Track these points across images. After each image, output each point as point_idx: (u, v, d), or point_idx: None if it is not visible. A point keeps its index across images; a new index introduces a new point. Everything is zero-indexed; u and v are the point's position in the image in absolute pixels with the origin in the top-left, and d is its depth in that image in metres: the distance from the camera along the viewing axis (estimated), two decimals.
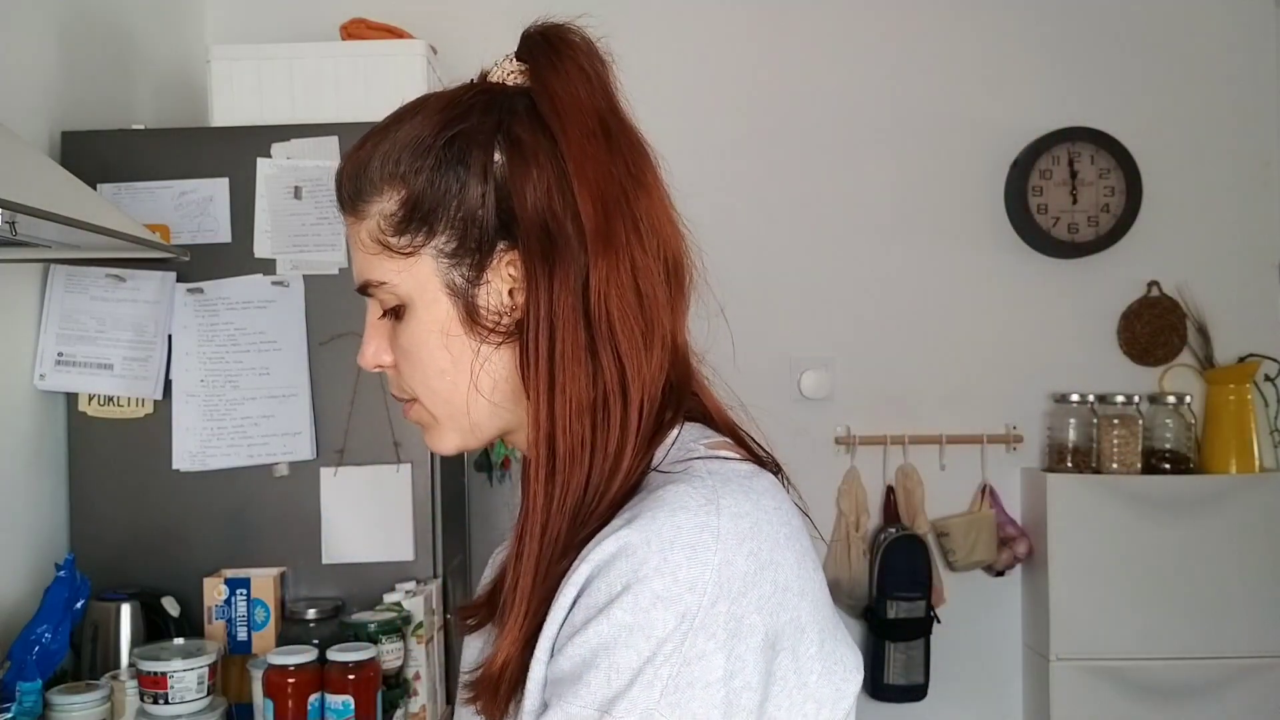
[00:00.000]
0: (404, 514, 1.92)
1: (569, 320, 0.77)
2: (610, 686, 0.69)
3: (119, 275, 1.91)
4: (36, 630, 1.64)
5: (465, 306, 0.80)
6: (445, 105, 0.82)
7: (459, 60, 2.62)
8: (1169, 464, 2.70)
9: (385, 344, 0.85)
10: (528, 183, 0.78)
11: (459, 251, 0.80)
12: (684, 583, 0.70)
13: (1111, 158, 2.80)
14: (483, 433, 0.86)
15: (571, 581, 0.73)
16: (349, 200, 0.84)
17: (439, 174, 0.79)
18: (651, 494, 0.74)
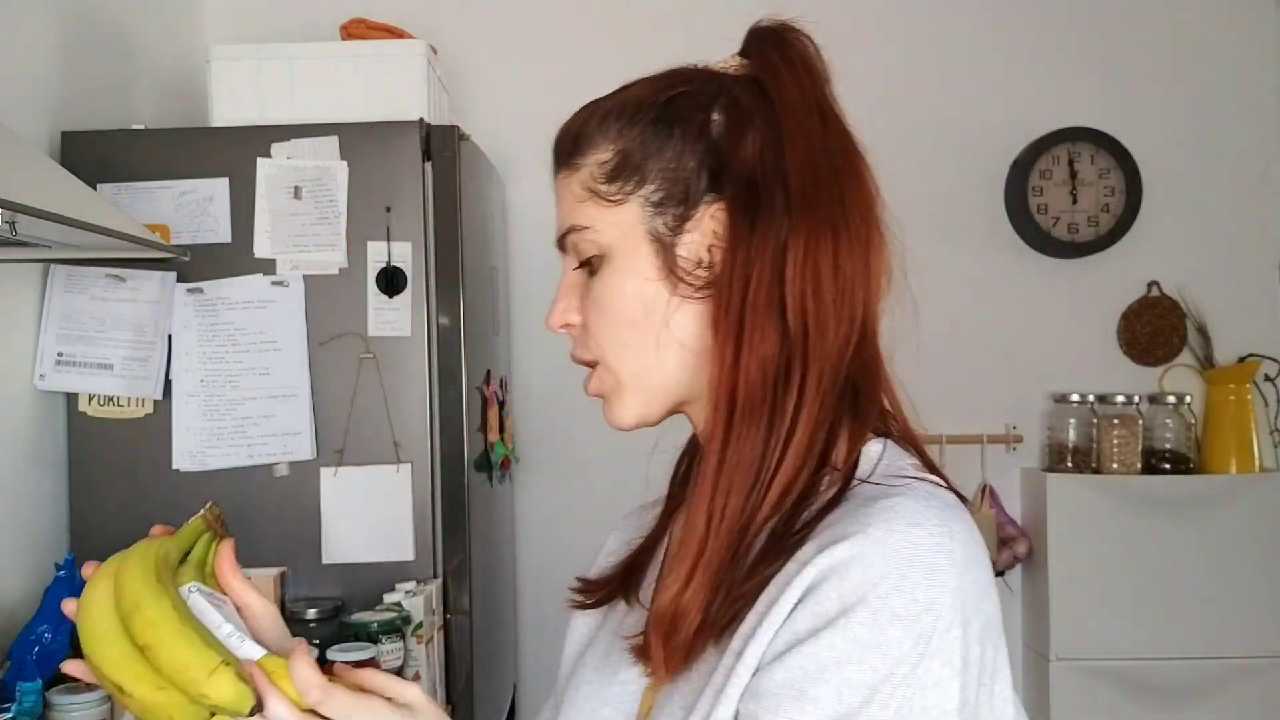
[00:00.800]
0: (404, 514, 1.92)
1: (765, 276, 0.78)
2: (842, 703, 0.67)
3: (119, 275, 1.91)
4: (36, 630, 1.64)
5: (665, 255, 0.81)
6: (668, 73, 0.86)
7: (459, 60, 2.63)
8: (1169, 464, 2.70)
9: (575, 303, 0.86)
10: (743, 140, 0.80)
11: (665, 201, 0.82)
12: (921, 603, 0.68)
13: (1111, 158, 2.80)
14: (664, 398, 0.85)
15: (796, 584, 0.70)
16: (566, 155, 0.86)
17: (655, 128, 0.82)
18: (876, 503, 0.72)
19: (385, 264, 1.92)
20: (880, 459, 0.79)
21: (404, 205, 1.93)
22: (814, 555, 0.71)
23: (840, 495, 0.75)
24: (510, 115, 2.72)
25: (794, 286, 0.77)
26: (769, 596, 0.72)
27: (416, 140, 1.94)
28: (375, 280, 1.92)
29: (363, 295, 1.92)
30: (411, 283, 1.92)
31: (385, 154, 1.93)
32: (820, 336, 0.78)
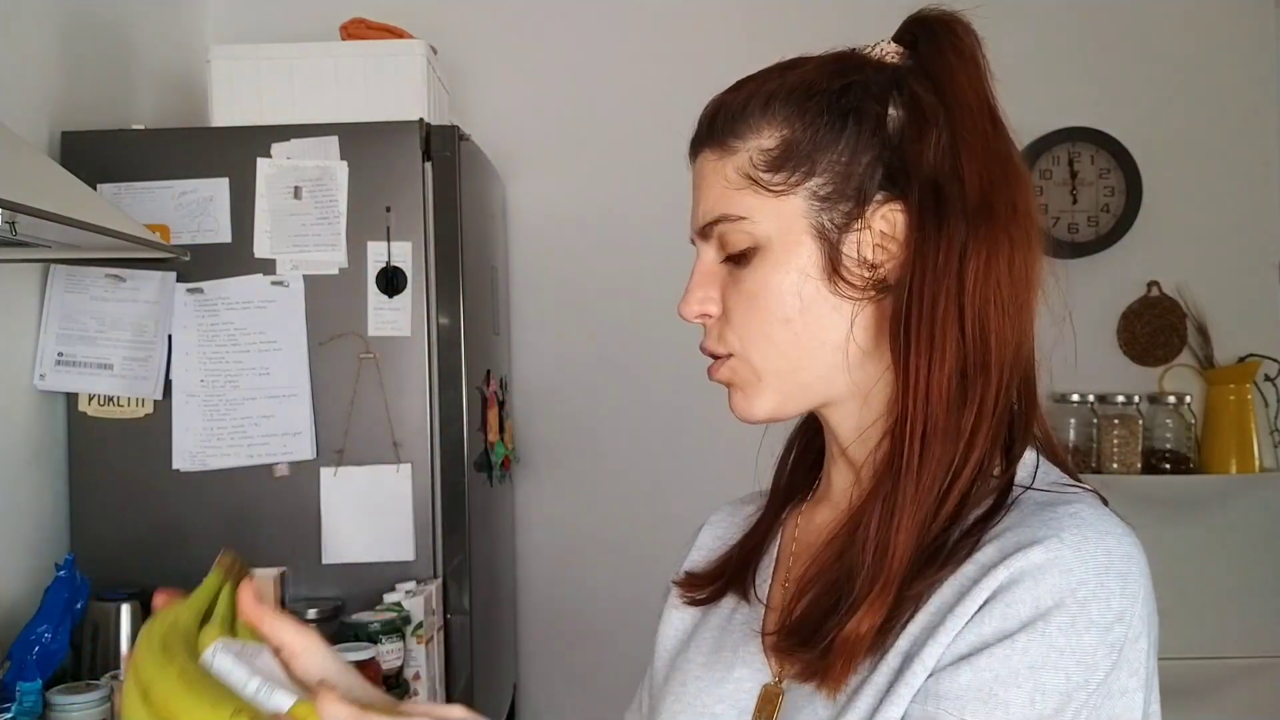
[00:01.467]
0: (404, 514, 1.92)
1: (949, 284, 0.75)
2: (1034, 709, 0.66)
3: (119, 275, 1.91)
4: (36, 630, 1.64)
5: (830, 253, 0.78)
6: (837, 58, 0.82)
7: (459, 60, 2.63)
8: (1169, 464, 2.70)
9: (713, 293, 0.82)
10: (926, 140, 0.77)
11: (834, 196, 0.78)
12: (1115, 611, 0.68)
13: (1111, 158, 2.80)
14: (805, 397, 0.82)
15: (982, 587, 0.69)
16: (719, 134, 0.81)
17: (828, 117, 0.78)
18: (1058, 509, 0.72)
19: (385, 264, 1.92)
20: (1037, 467, 0.78)
21: (404, 205, 1.93)
22: (999, 559, 0.70)
23: (1003, 501, 0.75)
24: (510, 115, 2.72)
25: (973, 296, 0.75)
26: (943, 599, 0.71)
27: (416, 140, 1.94)
28: (375, 280, 1.92)
29: (363, 295, 1.92)
30: (411, 283, 1.92)
31: (385, 154, 1.93)
32: (999, 348, 0.76)
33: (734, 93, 0.82)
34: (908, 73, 0.81)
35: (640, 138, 2.73)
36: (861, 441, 0.82)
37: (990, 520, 0.73)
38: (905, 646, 0.72)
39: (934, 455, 0.74)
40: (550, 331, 2.77)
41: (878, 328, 0.79)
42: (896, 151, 0.78)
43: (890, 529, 0.73)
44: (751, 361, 0.81)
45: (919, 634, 0.72)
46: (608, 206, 2.76)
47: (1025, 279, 0.80)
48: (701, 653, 0.88)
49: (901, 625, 0.72)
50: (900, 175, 0.78)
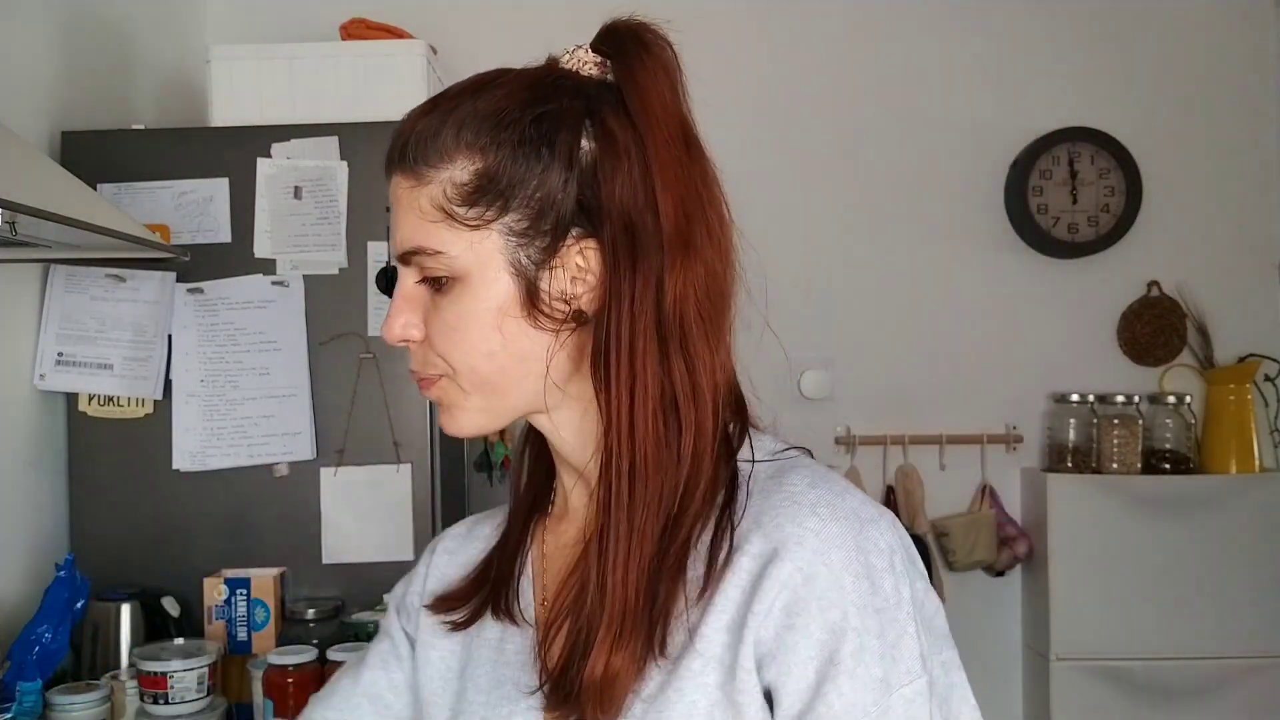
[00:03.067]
0: (404, 514, 1.92)
1: (648, 316, 0.77)
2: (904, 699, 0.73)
3: (119, 275, 1.91)
4: (36, 630, 1.64)
5: (527, 288, 0.78)
6: (531, 82, 0.80)
7: (459, 60, 2.62)
8: (1169, 464, 2.70)
9: (417, 317, 0.82)
10: (618, 175, 0.77)
11: (529, 232, 0.78)
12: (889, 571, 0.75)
13: (1111, 158, 2.80)
14: (509, 414, 0.84)
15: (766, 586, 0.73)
16: (411, 161, 0.80)
17: (522, 150, 0.77)
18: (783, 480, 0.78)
19: (385, 264, 1.92)
20: (751, 441, 0.82)
21: None
22: (769, 548, 0.74)
23: (735, 484, 0.78)
24: None
25: (673, 327, 0.77)
26: (730, 598, 0.74)
27: None
28: (375, 280, 1.92)
29: (363, 295, 1.92)
30: None
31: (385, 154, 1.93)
32: (706, 370, 0.78)
33: (426, 116, 0.80)
34: (600, 96, 0.79)
35: None
36: (589, 459, 0.83)
37: (732, 507, 0.77)
38: (712, 650, 0.74)
39: (648, 489, 0.76)
40: None
41: (580, 355, 0.81)
42: (590, 186, 0.78)
43: (607, 568, 0.75)
44: (459, 384, 0.81)
45: (725, 637, 0.74)
46: None
47: (722, 295, 0.81)
48: (481, 691, 0.86)
49: (687, 632, 0.75)
50: (594, 210, 0.78)
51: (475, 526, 0.98)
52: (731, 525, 0.76)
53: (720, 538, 0.76)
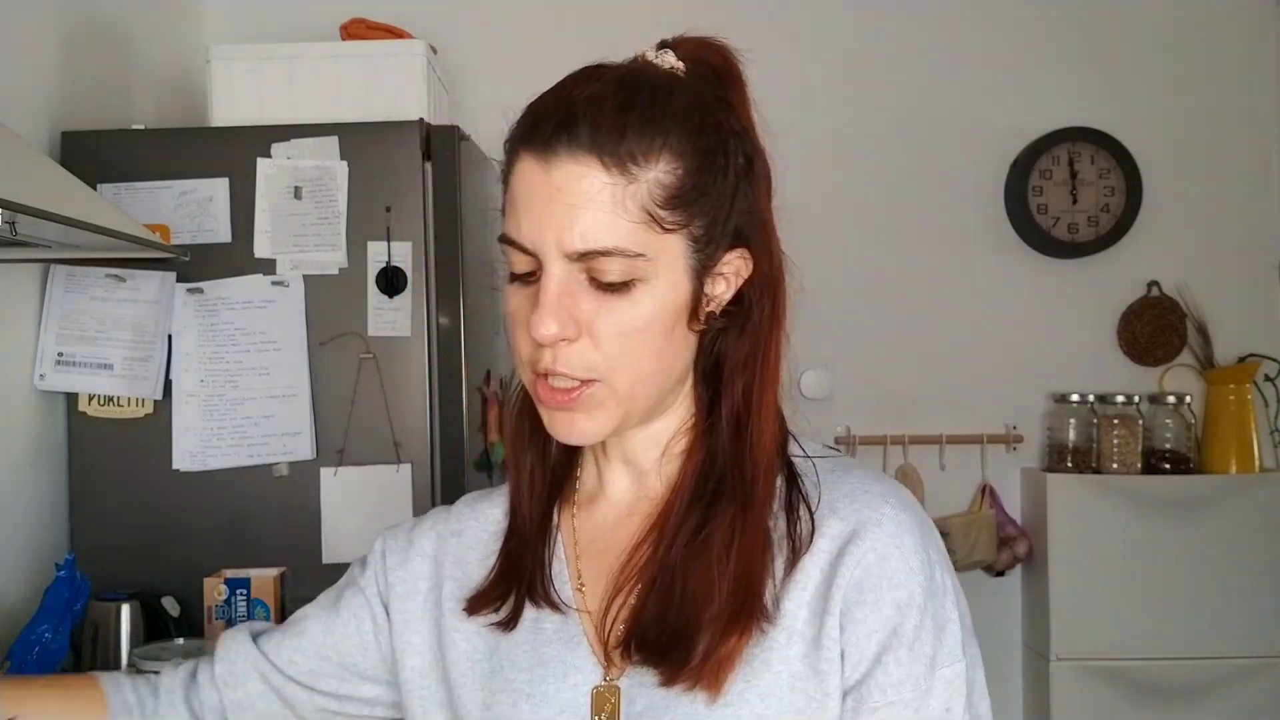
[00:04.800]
0: (404, 514, 1.92)
1: (771, 319, 0.85)
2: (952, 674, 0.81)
3: (119, 275, 1.91)
4: (37, 630, 1.64)
5: (696, 293, 0.82)
6: (696, 92, 0.83)
7: (459, 60, 2.63)
8: (1169, 464, 2.70)
9: (573, 315, 0.78)
10: (760, 187, 0.84)
11: (704, 238, 0.81)
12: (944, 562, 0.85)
13: (1111, 158, 2.80)
14: (637, 420, 0.86)
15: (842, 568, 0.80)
16: (615, 151, 0.77)
17: (711, 157, 0.80)
18: (848, 475, 0.85)
19: (385, 264, 1.92)
20: (796, 439, 0.89)
21: (404, 205, 1.93)
22: (847, 530, 0.81)
23: (794, 472, 0.85)
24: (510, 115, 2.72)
25: (782, 326, 0.86)
26: (810, 576, 0.81)
27: (416, 140, 1.94)
28: (375, 280, 1.92)
29: (363, 295, 1.92)
30: (411, 283, 1.92)
31: (385, 154, 1.93)
32: (780, 367, 0.86)
33: (622, 104, 0.78)
34: (735, 114, 0.85)
35: None
36: (651, 449, 0.88)
37: (800, 492, 0.83)
38: (796, 625, 0.80)
39: (772, 472, 0.84)
40: None
41: (694, 354, 0.86)
42: (745, 196, 0.83)
43: (751, 545, 0.81)
44: (618, 389, 0.81)
45: (807, 612, 0.81)
46: None
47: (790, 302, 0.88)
48: (521, 670, 0.87)
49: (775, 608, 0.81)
50: (746, 222, 0.83)
51: (477, 509, 0.98)
52: (810, 510, 0.82)
53: (796, 521, 0.82)
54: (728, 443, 0.84)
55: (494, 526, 0.94)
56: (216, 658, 1.01)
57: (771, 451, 0.84)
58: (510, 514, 0.93)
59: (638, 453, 0.89)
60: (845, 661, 0.80)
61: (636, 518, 0.87)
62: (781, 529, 0.82)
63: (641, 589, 0.83)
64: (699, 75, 0.85)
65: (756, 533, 0.81)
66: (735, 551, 0.80)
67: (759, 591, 0.80)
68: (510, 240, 0.81)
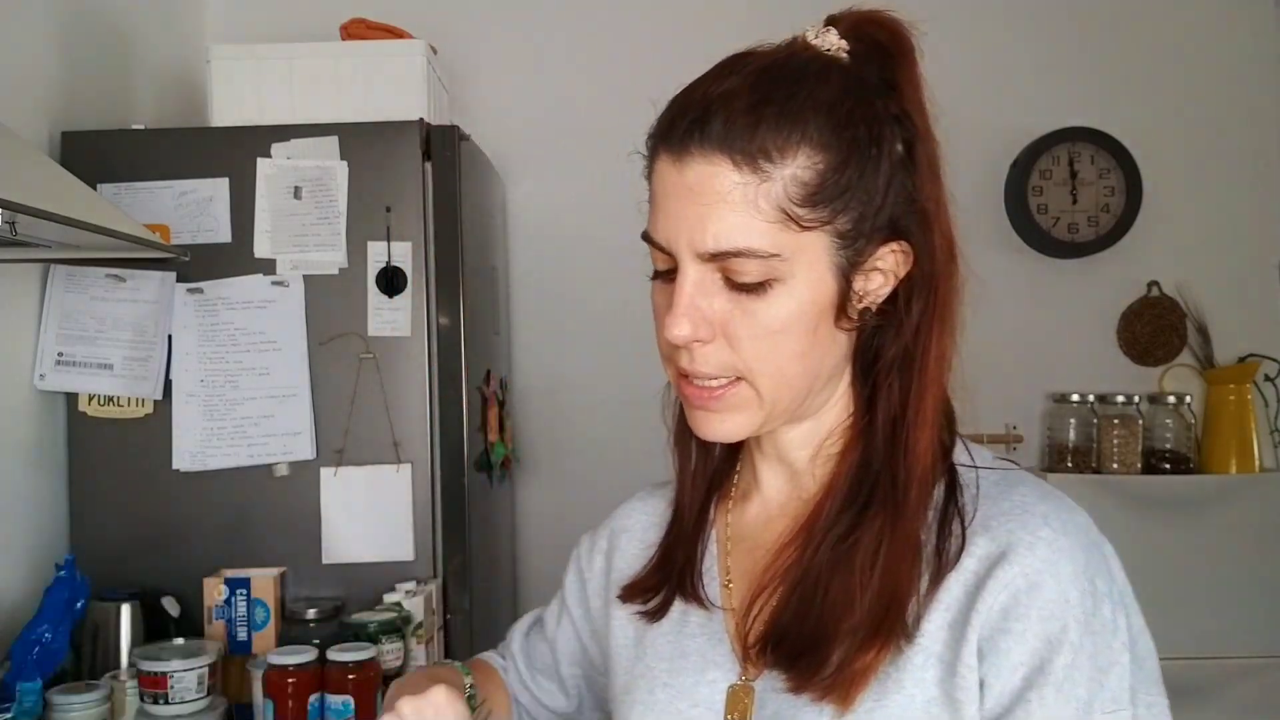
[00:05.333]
0: (404, 514, 1.92)
1: (933, 317, 0.80)
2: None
3: (119, 275, 1.91)
4: (37, 630, 1.64)
5: (842, 290, 0.77)
6: (847, 75, 0.78)
7: (459, 60, 2.63)
8: (1169, 464, 2.70)
9: (708, 316, 0.77)
10: (928, 181, 0.79)
11: (852, 234, 0.76)
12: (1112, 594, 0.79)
13: (1111, 158, 2.80)
14: (784, 419, 0.83)
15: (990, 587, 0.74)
16: (746, 148, 0.74)
17: (858, 150, 0.76)
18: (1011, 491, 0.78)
19: (385, 264, 1.92)
20: (966, 447, 0.83)
21: (404, 205, 1.93)
22: (995, 551, 0.75)
23: (955, 482, 0.79)
24: (510, 115, 2.72)
25: (948, 324, 0.80)
26: (954, 596, 0.76)
27: (416, 140, 1.94)
28: (375, 280, 1.92)
29: (363, 295, 1.92)
30: (411, 283, 1.92)
31: (385, 154, 1.93)
32: (949, 366, 0.81)
33: (756, 99, 0.75)
34: (900, 99, 0.80)
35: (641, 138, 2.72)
36: (804, 448, 0.86)
37: (956, 506, 0.78)
38: (934, 647, 0.75)
39: (927, 480, 0.79)
40: (550, 331, 2.77)
41: (849, 353, 0.82)
42: (902, 187, 0.78)
43: (899, 558, 0.76)
44: (759, 390, 0.79)
45: (947, 635, 0.75)
46: (608, 206, 2.75)
47: (962, 300, 0.83)
48: (663, 659, 0.88)
49: (915, 627, 0.76)
50: (904, 214, 0.79)
51: (647, 503, 1.01)
52: (963, 525, 0.77)
53: (947, 536, 0.77)
54: (882, 446, 0.80)
55: (658, 519, 0.97)
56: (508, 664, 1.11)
57: (927, 459, 0.79)
58: (673, 507, 0.95)
59: (791, 451, 0.86)
60: (985, 693, 0.74)
61: (786, 518, 0.86)
62: (933, 542, 0.77)
63: (783, 591, 0.81)
64: (863, 55, 0.80)
65: (905, 544, 0.76)
66: (880, 562, 0.76)
67: (902, 606, 0.75)
68: (649, 239, 0.81)
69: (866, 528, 0.78)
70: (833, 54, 0.79)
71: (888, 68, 0.80)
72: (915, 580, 0.76)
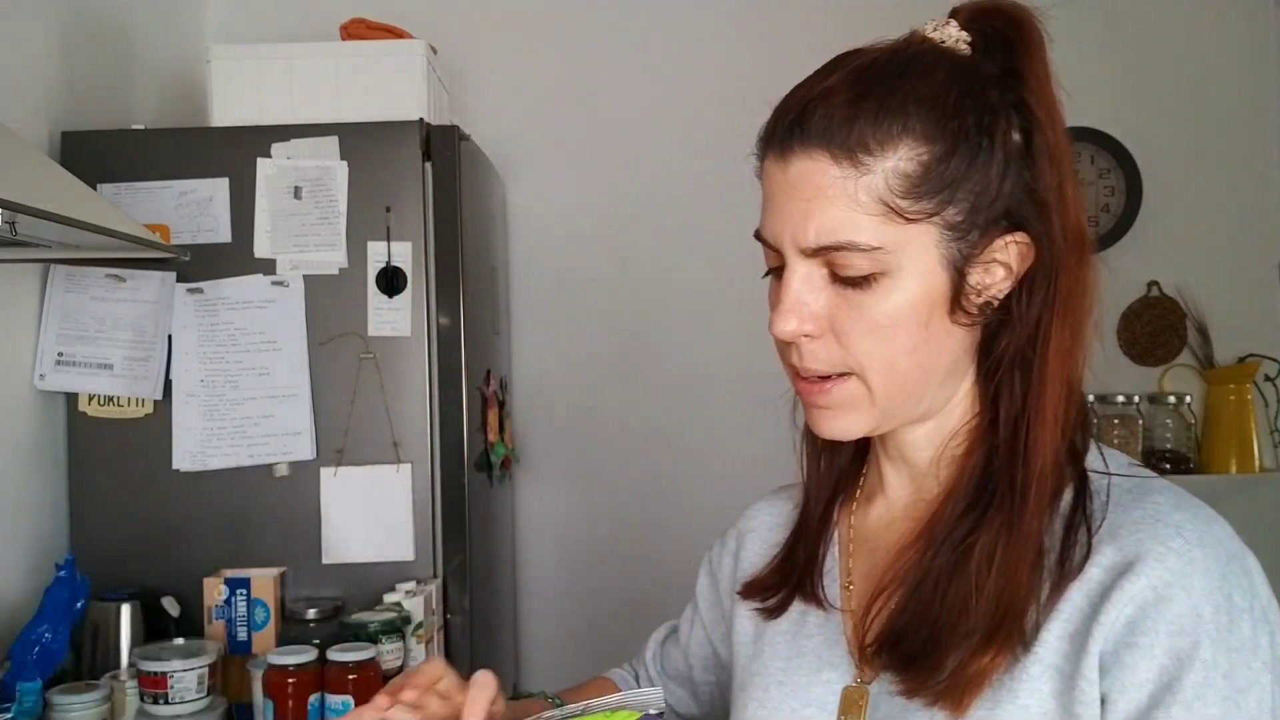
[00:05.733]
0: (404, 514, 1.92)
1: (1057, 311, 0.77)
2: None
3: (119, 275, 1.91)
4: (37, 630, 1.64)
5: (955, 283, 0.76)
6: (957, 66, 0.77)
7: (459, 60, 2.63)
8: (1169, 464, 2.70)
9: (814, 311, 0.77)
10: (1046, 168, 0.77)
11: (964, 225, 0.75)
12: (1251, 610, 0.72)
13: (1111, 158, 2.80)
14: (905, 417, 0.82)
15: (1115, 598, 0.71)
16: (844, 141, 0.74)
17: (966, 141, 0.74)
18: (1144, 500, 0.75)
19: (385, 264, 1.92)
20: (1101, 452, 0.80)
21: (404, 205, 1.93)
22: (1121, 561, 0.72)
23: (1084, 489, 0.77)
24: (510, 115, 2.72)
25: (1074, 319, 0.78)
26: (1075, 606, 0.73)
27: (416, 140, 1.94)
28: (375, 280, 1.92)
29: (363, 295, 1.92)
30: (411, 283, 1.92)
31: (385, 154, 1.93)
32: (1080, 364, 0.78)
33: (848, 96, 0.75)
34: (1019, 95, 0.78)
35: (641, 137, 2.73)
36: (927, 449, 0.84)
37: (1084, 512, 0.75)
38: (1051, 658, 0.73)
39: (1049, 484, 0.76)
40: (550, 331, 2.77)
41: (972, 350, 0.80)
42: (1020, 178, 0.77)
43: (1017, 562, 0.74)
44: (870, 386, 0.78)
45: (1067, 646, 0.73)
46: (608, 206, 2.76)
47: (1096, 300, 0.80)
48: (779, 658, 0.89)
49: (1033, 635, 0.74)
50: (1023, 205, 0.77)
51: (773, 504, 1.01)
52: (1089, 533, 0.74)
53: (1072, 544, 0.74)
54: (1003, 446, 0.78)
55: (783, 518, 0.97)
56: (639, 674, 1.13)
57: (1049, 460, 0.76)
58: (799, 508, 0.95)
59: (913, 452, 0.85)
60: (1107, 709, 0.70)
61: (909, 520, 0.85)
62: (1057, 550, 0.75)
63: (902, 594, 0.80)
64: (983, 46, 0.79)
65: (1023, 548, 0.74)
66: (997, 565, 0.74)
67: (1019, 611, 0.73)
68: (759, 237, 0.81)
69: (985, 528, 0.76)
70: (950, 46, 0.79)
71: (1010, 57, 0.79)
72: (1035, 586, 0.74)
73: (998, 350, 0.79)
